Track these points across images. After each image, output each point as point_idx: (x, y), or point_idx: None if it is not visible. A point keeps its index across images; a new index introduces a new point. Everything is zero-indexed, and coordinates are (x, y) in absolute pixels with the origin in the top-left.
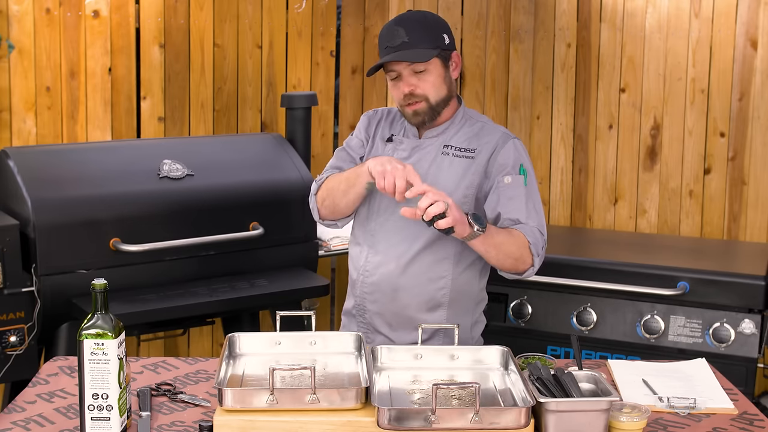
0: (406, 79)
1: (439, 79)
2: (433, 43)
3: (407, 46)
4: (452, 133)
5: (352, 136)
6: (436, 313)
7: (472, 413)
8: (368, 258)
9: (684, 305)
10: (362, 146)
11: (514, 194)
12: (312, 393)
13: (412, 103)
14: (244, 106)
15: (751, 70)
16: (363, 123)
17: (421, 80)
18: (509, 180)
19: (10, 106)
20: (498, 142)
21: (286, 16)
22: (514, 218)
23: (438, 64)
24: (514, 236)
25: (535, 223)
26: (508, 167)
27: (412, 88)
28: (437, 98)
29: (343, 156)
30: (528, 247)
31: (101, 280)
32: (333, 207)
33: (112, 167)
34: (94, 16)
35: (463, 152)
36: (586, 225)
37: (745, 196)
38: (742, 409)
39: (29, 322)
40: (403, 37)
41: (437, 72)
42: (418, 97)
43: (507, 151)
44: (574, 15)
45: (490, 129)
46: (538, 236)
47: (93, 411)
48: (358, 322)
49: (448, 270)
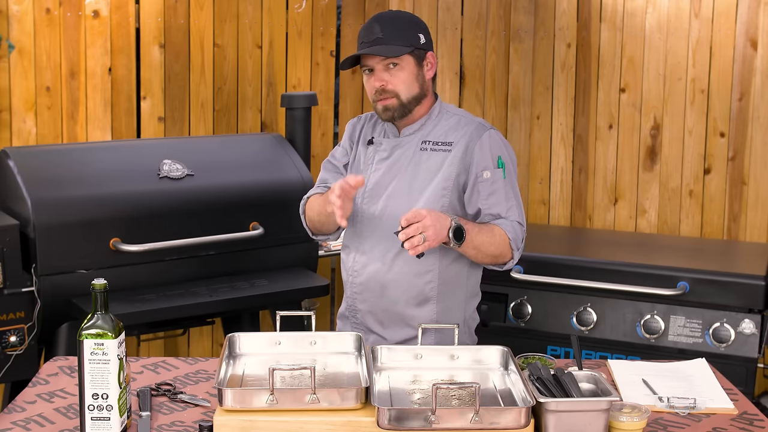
0: (378, 74)
1: (410, 77)
2: (406, 41)
3: (381, 42)
4: (430, 128)
5: (338, 145)
6: (426, 307)
7: (472, 413)
8: (355, 259)
9: (684, 305)
10: (346, 154)
11: (494, 189)
12: (312, 393)
13: (382, 99)
14: (244, 106)
15: (751, 70)
16: (348, 131)
17: (393, 76)
18: (488, 175)
19: (10, 106)
20: (473, 135)
21: (286, 16)
22: (495, 213)
23: (411, 61)
24: (495, 235)
25: (516, 216)
26: (486, 162)
27: (383, 83)
28: (408, 96)
29: (328, 167)
30: (508, 243)
31: (101, 280)
32: (319, 230)
33: (112, 167)
34: (94, 16)
35: (441, 146)
36: (586, 225)
37: (745, 196)
38: (742, 409)
39: (29, 322)
40: (378, 33)
41: (409, 69)
42: (389, 93)
43: (483, 144)
44: (574, 15)
45: (466, 121)
46: (518, 230)
47: (93, 411)
48: (352, 323)
49: (435, 263)
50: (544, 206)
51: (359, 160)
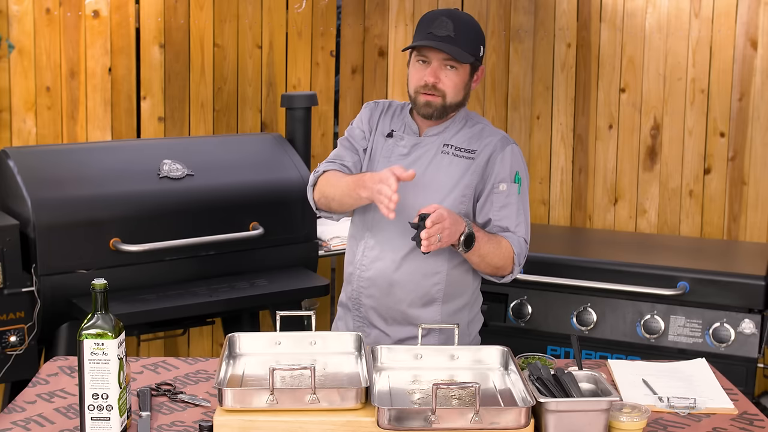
0: (434, 69)
1: (461, 83)
2: (473, 49)
3: (451, 41)
4: (452, 132)
5: (353, 126)
6: (431, 308)
7: (472, 413)
8: (365, 253)
9: (684, 305)
10: (364, 138)
11: (507, 202)
12: (312, 393)
13: (429, 94)
14: (244, 106)
15: (751, 70)
16: (365, 114)
17: (448, 77)
18: (504, 188)
19: (10, 106)
20: (497, 146)
21: (286, 16)
22: (504, 226)
23: (467, 69)
24: (502, 248)
25: (523, 232)
26: (504, 174)
27: (437, 80)
28: (453, 100)
29: (345, 145)
30: (512, 257)
31: (101, 280)
32: (328, 207)
33: (112, 167)
34: (94, 16)
35: (463, 152)
36: (586, 225)
37: (745, 196)
38: (742, 409)
39: (29, 322)
40: (450, 31)
41: (463, 76)
42: (438, 91)
43: (505, 157)
44: (574, 15)
45: (489, 131)
46: (523, 246)
47: (93, 411)
48: (354, 315)
49: (443, 265)
50: (544, 206)
51: (376, 151)
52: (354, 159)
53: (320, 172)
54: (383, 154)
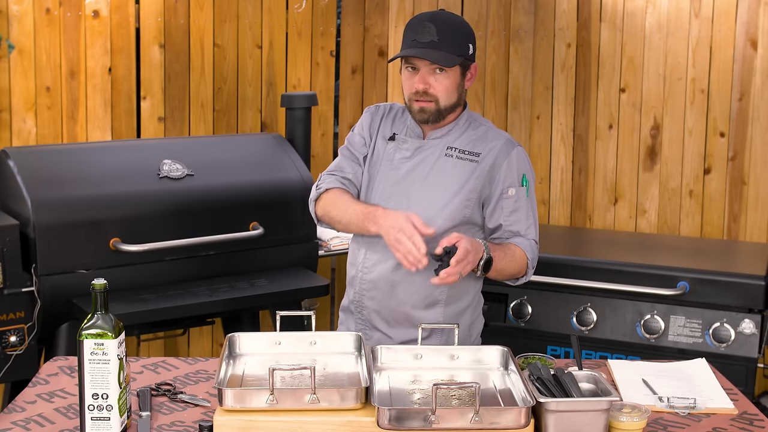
0: (423, 76)
1: (453, 86)
2: (459, 50)
3: (435, 46)
4: (456, 135)
5: (354, 132)
6: (434, 310)
7: (472, 413)
8: (367, 255)
9: (684, 305)
10: (364, 144)
11: (517, 207)
12: (312, 393)
13: (421, 100)
14: (244, 106)
15: (751, 70)
16: (366, 120)
17: (438, 82)
18: (513, 192)
19: (10, 106)
20: (502, 150)
21: (286, 16)
22: (515, 230)
23: (457, 71)
24: (516, 258)
25: (533, 234)
26: (512, 179)
27: (427, 87)
28: (447, 103)
29: (346, 155)
30: (526, 263)
31: (101, 280)
32: (331, 225)
33: (112, 167)
34: (94, 16)
35: (467, 155)
36: (586, 225)
37: (745, 196)
38: (742, 409)
39: (29, 322)
40: (433, 36)
41: (454, 78)
42: (430, 96)
43: (511, 161)
44: (574, 15)
45: (494, 134)
46: (535, 249)
47: (93, 411)
48: (356, 318)
49: None
50: (544, 206)
51: (378, 155)
52: (355, 169)
53: (323, 189)
54: (385, 157)
